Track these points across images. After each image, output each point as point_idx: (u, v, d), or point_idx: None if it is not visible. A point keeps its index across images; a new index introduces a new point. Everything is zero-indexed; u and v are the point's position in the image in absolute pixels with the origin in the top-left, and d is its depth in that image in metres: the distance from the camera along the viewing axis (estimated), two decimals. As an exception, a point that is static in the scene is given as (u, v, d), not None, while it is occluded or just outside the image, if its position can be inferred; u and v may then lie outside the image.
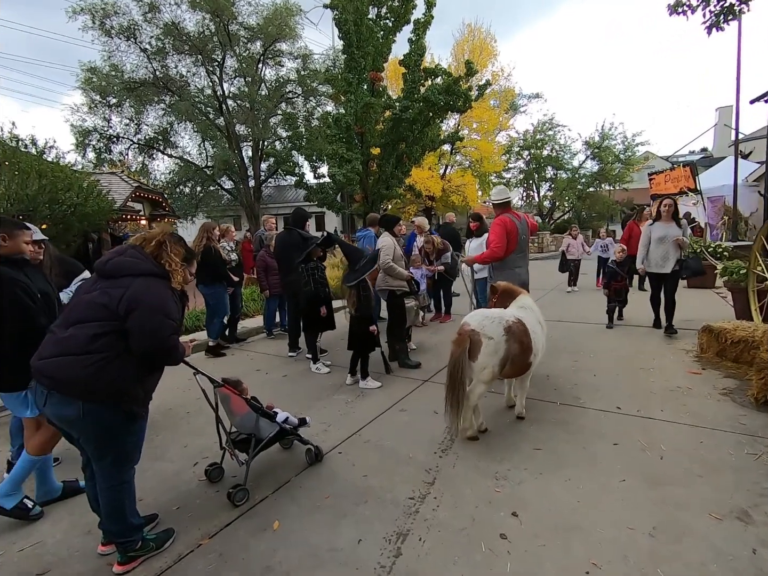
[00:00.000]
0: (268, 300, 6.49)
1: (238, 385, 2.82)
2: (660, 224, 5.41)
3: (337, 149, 10.47)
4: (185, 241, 2.29)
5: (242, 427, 2.78)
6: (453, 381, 2.92)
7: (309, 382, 4.52)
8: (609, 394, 3.75)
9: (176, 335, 2.03)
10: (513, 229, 4.07)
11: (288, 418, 2.96)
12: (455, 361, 2.93)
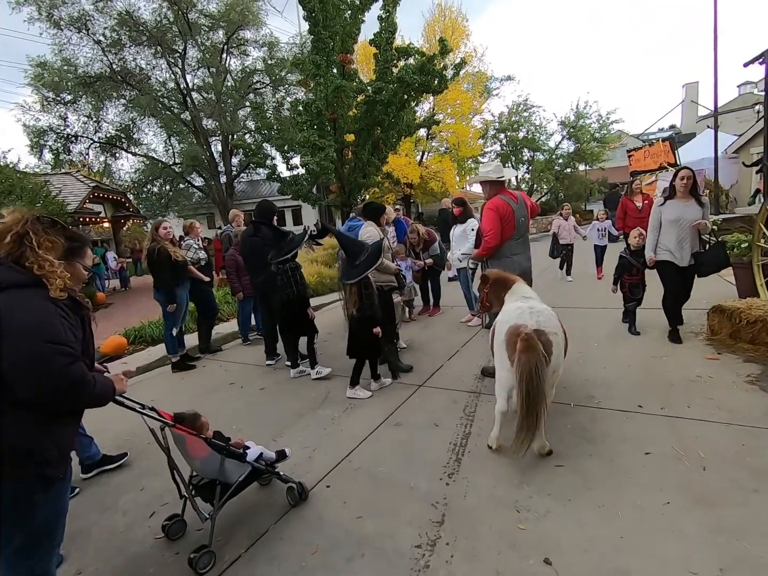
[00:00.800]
0: (242, 302, 5.92)
1: (195, 421, 2.28)
2: (675, 203, 4.16)
3: (309, 136, 9.81)
4: (65, 224, 1.67)
5: (204, 472, 2.26)
6: (533, 398, 2.35)
7: (289, 394, 4.02)
8: (625, 390, 3.37)
9: (77, 364, 1.48)
10: (508, 213, 3.60)
11: (262, 454, 2.44)
12: (533, 372, 2.35)
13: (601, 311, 5.72)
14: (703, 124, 30.32)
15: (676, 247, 4.16)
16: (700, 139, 15.75)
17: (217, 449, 2.22)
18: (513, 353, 2.50)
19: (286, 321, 4.32)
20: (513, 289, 3.20)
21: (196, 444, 2.20)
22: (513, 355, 2.50)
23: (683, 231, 4.13)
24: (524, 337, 2.43)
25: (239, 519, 2.34)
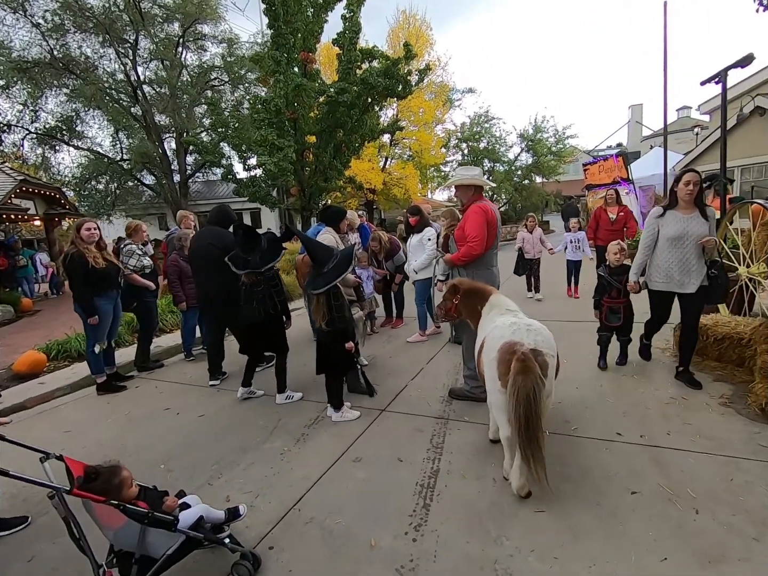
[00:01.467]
0: (185, 313, 5.32)
1: (111, 478, 1.77)
2: (676, 215, 3.35)
3: (267, 135, 9.27)
4: None
5: (120, 543, 1.78)
6: (532, 424, 2.11)
7: (233, 423, 3.52)
8: (601, 414, 3.15)
9: None
10: (494, 220, 3.33)
11: (202, 518, 1.93)
12: (530, 396, 2.10)
13: (571, 324, 5.59)
14: (647, 143, 32.34)
15: (679, 270, 3.36)
16: (649, 156, 16.54)
17: (135, 517, 1.72)
18: (506, 373, 2.24)
19: (254, 340, 3.82)
20: (492, 301, 2.92)
21: (108, 511, 1.71)
22: (506, 375, 2.23)
23: (687, 250, 3.33)
24: (521, 357, 2.17)
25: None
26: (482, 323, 2.88)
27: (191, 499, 2.02)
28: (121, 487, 1.79)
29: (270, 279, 3.65)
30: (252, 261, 3.58)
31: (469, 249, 3.25)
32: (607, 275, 3.94)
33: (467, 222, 3.32)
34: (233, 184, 12.77)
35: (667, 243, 3.39)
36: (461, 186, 3.46)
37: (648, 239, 3.51)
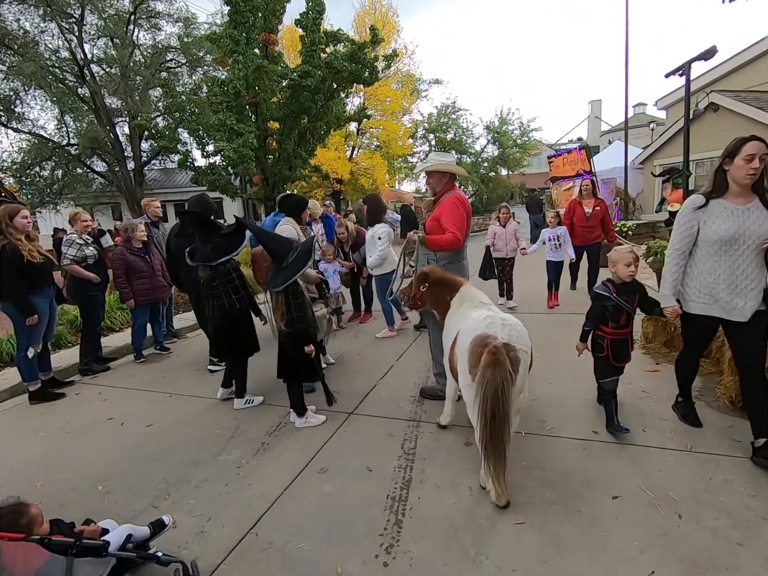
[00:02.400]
0: (134, 311, 4.87)
1: (16, 518, 1.48)
2: (726, 205, 2.34)
3: (225, 119, 8.71)
4: None
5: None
6: (498, 420, 1.99)
7: (184, 433, 3.18)
8: (576, 412, 3.06)
9: None
10: (469, 211, 3.13)
11: (131, 536, 1.76)
12: (498, 391, 1.97)
13: (541, 316, 5.54)
14: (605, 137, 33.43)
15: (727, 286, 2.37)
16: (610, 150, 17.00)
17: (61, 550, 1.48)
18: (476, 365, 2.11)
19: (219, 340, 3.48)
20: (463, 292, 2.76)
21: (23, 552, 1.42)
22: (475, 367, 2.11)
23: (742, 258, 2.33)
24: (491, 350, 2.05)
25: None
26: (452, 315, 2.73)
27: (107, 524, 1.84)
28: (32, 527, 1.49)
29: (225, 274, 3.31)
30: (203, 253, 3.24)
31: (453, 238, 2.95)
32: (614, 295, 2.67)
33: (445, 213, 3.07)
34: (191, 172, 12.02)
35: (713, 247, 2.38)
36: (435, 173, 3.22)
37: (684, 241, 2.48)
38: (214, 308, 3.31)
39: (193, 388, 3.97)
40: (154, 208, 5.23)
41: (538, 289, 6.34)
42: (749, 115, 9.77)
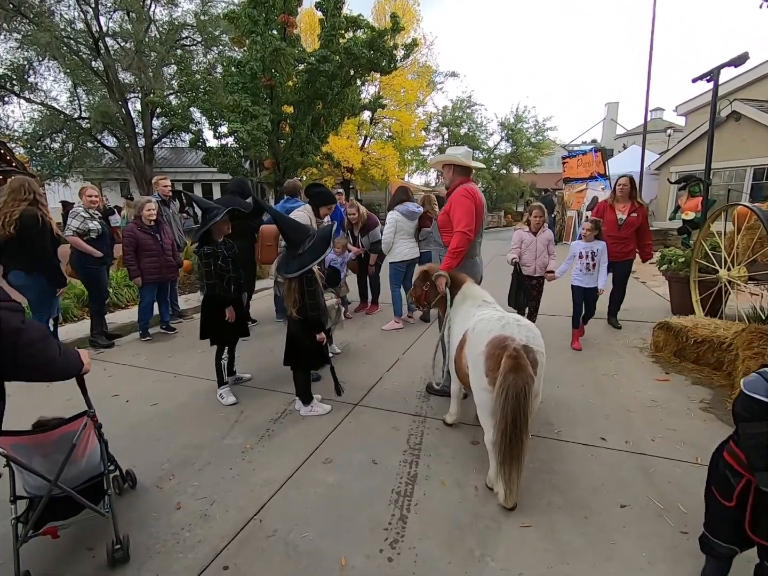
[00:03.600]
0: (142, 290, 4.86)
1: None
2: None
3: (240, 101, 8.60)
4: None
5: (89, 468, 1.95)
6: (520, 426, 1.97)
7: (189, 414, 3.18)
8: (584, 417, 3.03)
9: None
10: (480, 205, 3.06)
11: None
12: (521, 396, 1.95)
13: (546, 318, 5.49)
14: (620, 141, 33.02)
15: None
16: (626, 154, 16.76)
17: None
18: (494, 370, 2.07)
19: (206, 326, 3.37)
20: (465, 290, 2.74)
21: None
22: (494, 371, 2.07)
23: None
24: (513, 354, 2.01)
25: None
26: (456, 314, 2.71)
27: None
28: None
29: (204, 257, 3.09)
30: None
31: (461, 238, 2.91)
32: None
33: (454, 207, 3.03)
34: (202, 153, 11.93)
35: None
36: (446, 166, 3.17)
37: None
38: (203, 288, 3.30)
39: (199, 370, 3.96)
40: (163, 187, 5.19)
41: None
42: (771, 125, 9.60)
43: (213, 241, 3.16)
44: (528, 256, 4.21)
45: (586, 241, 4.37)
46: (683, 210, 9.27)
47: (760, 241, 4.04)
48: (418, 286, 3.06)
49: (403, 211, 5.06)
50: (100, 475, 1.95)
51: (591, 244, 4.34)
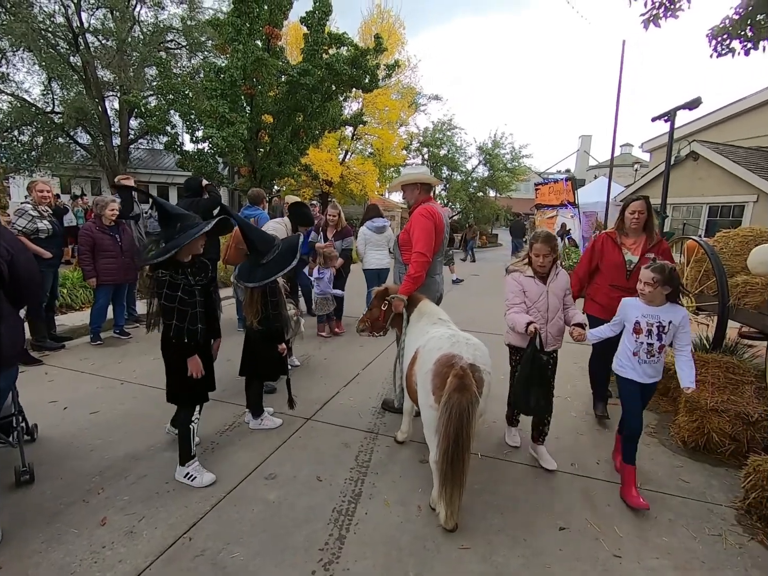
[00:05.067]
0: (96, 291, 4.66)
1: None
2: None
3: (217, 106, 8.54)
4: None
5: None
6: (462, 445, 1.96)
7: (129, 422, 3.03)
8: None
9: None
10: (440, 224, 3.09)
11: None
12: (464, 415, 1.95)
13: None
14: (592, 172, 34.55)
15: None
16: (594, 184, 17.51)
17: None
18: (441, 387, 2.07)
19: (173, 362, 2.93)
20: (422, 308, 2.76)
21: None
22: (440, 389, 2.07)
23: None
24: (459, 373, 2.02)
25: None
26: (411, 332, 2.71)
27: None
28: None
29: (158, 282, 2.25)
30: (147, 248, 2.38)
31: (418, 263, 2.88)
32: None
33: (413, 227, 3.03)
34: (178, 156, 11.74)
35: None
36: (408, 186, 3.19)
37: None
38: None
39: (148, 378, 3.80)
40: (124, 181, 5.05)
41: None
42: (725, 167, 10.23)
43: (177, 263, 2.26)
44: (535, 314, 2.64)
45: (648, 303, 2.39)
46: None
47: (706, 273, 4.25)
48: (375, 306, 2.98)
49: (370, 227, 5.41)
50: (11, 415, 2.38)
51: (658, 310, 2.38)
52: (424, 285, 2.99)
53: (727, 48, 4.32)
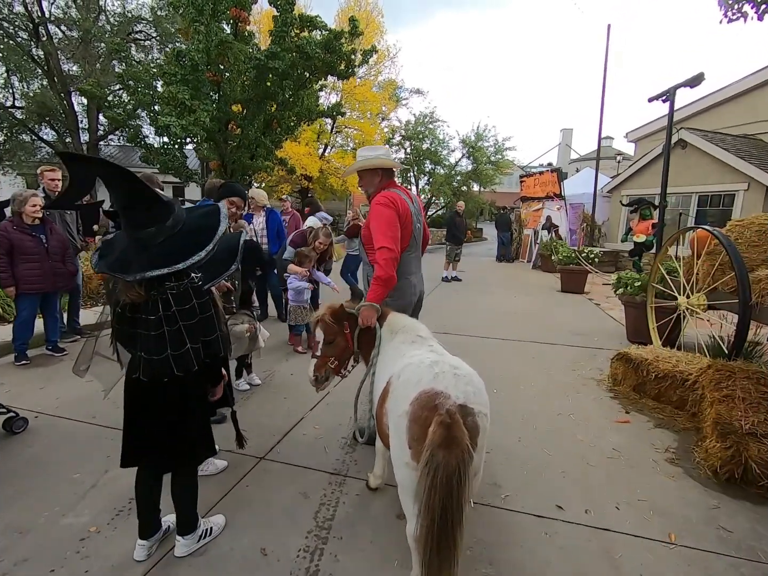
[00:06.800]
0: (18, 301, 3.97)
1: None
2: None
3: (176, 92, 7.80)
4: None
5: None
6: (452, 518, 1.39)
7: (30, 476, 2.37)
8: (537, 474, 2.51)
9: None
10: (406, 213, 2.48)
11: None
12: (452, 480, 1.39)
13: (499, 342, 5.06)
14: (573, 165, 34.40)
15: None
16: (580, 176, 17.15)
17: None
18: (421, 438, 1.49)
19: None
20: (391, 322, 2.17)
21: None
22: (420, 441, 1.49)
23: None
24: (445, 420, 1.44)
25: None
26: (383, 352, 2.10)
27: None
28: None
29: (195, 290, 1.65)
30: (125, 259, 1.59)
31: (386, 261, 2.27)
32: None
33: (373, 220, 2.42)
34: (141, 150, 10.92)
35: None
36: (365, 172, 2.57)
37: None
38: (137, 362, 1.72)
39: (73, 408, 3.15)
40: (48, 180, 4.30)
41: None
42: (715, 154, 9.90)
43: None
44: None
45: None
46: (635, 232, 9.31)
47: (721, 267, 3.77)
48: (333, 332, 2.23)
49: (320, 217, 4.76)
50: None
51: None
52: (396, 288, 2.40)
53: (739, 12, 3.85)
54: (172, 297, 1.58)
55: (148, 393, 1.68)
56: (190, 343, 1.62)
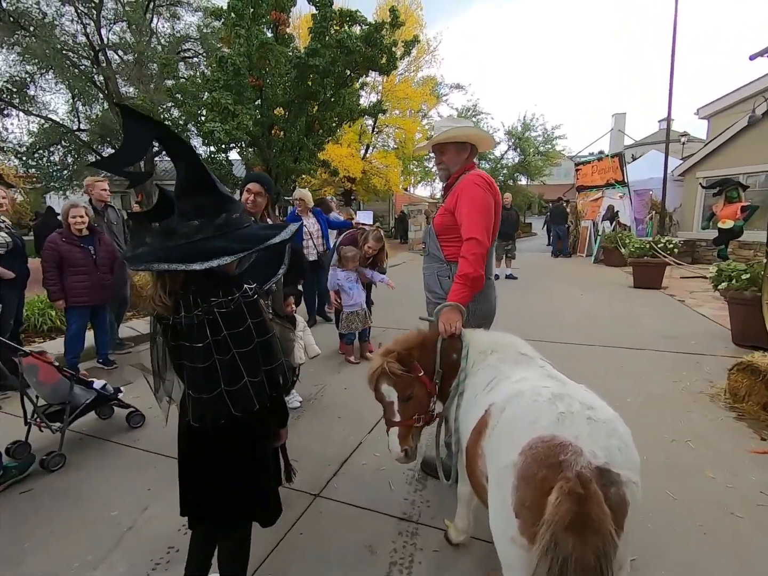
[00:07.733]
0: (68, 315, 3.88)
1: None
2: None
3: (219, 98, 7.76)
4: None
5: (54, 397, 2.55)
6: None
7: (66, 509, 2.14)
8: (663, 529, 1.94)
9: None
10: (500, 201, 2.04)
11: (105, 386, 2.84)
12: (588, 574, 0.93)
13: (574, 348, 4.41)
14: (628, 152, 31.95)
15: None
16: (648, 158, 15.70)
17: (66, 375, 2.60)
18: (534, 510, 1.04)
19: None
20: (475, 338, 1.70)
21: (48, 371, 2.53)
22: (534, 513, 1.04)
23: None
24: (575, 491, 0.98)
25: None
26: (472, 375, 1.62)
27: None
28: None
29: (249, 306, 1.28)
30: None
31: (476, 256, 1.85)
32: None
33: (463, 202, 1.97)
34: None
35: None
36: (450, 145, 2.10)
37: None
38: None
39: (116, 428, 2.94)
40: (99, 191, 4.22)
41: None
42: (816, 124, 8.54)
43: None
44: None
45: None
46: (720, 218, 8.20)
47: None
48: (404, 397, 1.68)
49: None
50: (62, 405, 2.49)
51: None
52: (482, 295, 1.93)
53: None
54: (221, 317, 1.20)
55: (203, 439, 1.32)
56: (248, 376, 1.23)
